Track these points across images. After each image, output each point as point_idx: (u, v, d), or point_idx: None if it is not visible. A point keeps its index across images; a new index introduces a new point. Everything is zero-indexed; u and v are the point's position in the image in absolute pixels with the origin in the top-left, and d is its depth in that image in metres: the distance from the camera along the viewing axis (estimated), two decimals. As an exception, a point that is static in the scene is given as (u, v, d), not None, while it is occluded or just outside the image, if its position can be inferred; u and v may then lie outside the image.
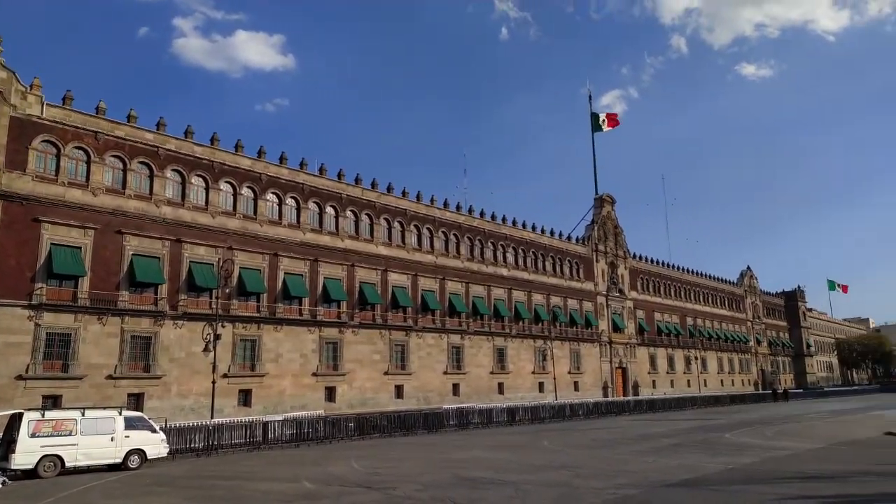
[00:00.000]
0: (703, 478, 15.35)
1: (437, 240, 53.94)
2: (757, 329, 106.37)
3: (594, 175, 78.32)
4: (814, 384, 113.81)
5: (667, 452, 21.41)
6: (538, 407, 44.17)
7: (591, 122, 77.72)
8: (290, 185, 44.38)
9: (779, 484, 14.28)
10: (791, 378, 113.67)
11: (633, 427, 34.59)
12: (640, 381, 74.56)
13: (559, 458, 20.38)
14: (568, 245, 69.02)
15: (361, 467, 19.28)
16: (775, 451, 20.95)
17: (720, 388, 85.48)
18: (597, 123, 77.09)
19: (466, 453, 22.77)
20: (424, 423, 34.37)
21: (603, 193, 77.28)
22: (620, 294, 75.03)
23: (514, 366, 58.36)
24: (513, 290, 60.27)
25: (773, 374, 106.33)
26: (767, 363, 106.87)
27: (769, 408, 55.73)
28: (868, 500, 12.18)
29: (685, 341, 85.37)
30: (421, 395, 49.16)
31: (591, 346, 68.64)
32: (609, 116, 78.04)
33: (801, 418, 39.18)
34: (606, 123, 77.36)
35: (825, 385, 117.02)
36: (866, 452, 20.56)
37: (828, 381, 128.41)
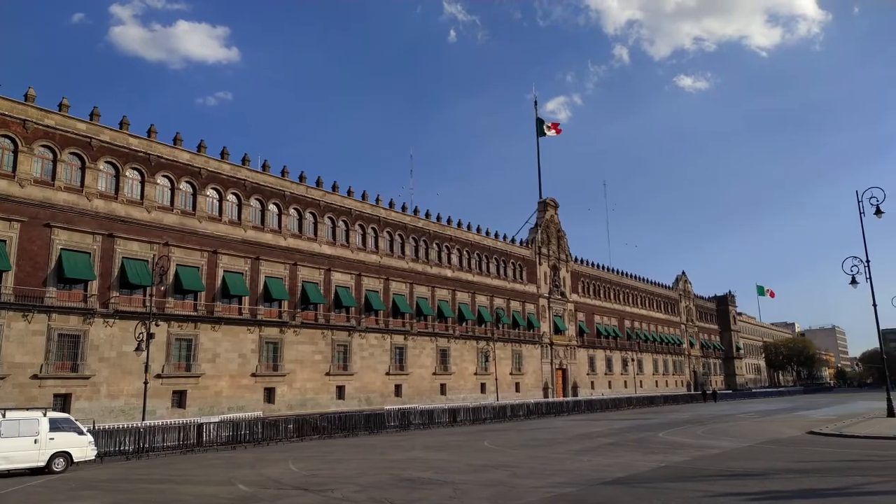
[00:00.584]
0: (636, 476, 15.76)
1: (381, 240, 53.68)
2: (690, 332, 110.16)
3: (538, 179, 79.61)
4: (742, 385, 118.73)
5: (603, 451, 21.91)
6: (480, 408, 44.47)
7: (537, 127, 78.86)
8: (232, 180, 43.34)
9: (708, 481, 14.81)
10: (721, 379, 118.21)
11: (572, 427, 35.24)
12: (580, 382, 76.11)
13: (498, 458, 20.56)
14: (512, 248, 69.84)
15: (299, 469, 18.98)
16: (705, 450, 21.72)
17: (655, 389, 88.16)
18: (541, 128, 78.28)
19: (407, 454, 22.71)
20: (365, 424, 34.10)
21: (547, 197, 78.56)
22: (562, 297, 76.39)
23: (456, 367, 58.62)
24: (457, 292, 60.54)
25: (704, 375, 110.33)
26: (699, 365, 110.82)
27: (700, 408, 57.75)
28: (790, 496, 12.74)
29: (623, 343, 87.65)
30: (363, 395, 48.80)
31: (532, 348, 69.62)
32: (553, 125, 79.39)
33: (730, 418, 40.74)
34: (552, 130, 78.64)
35: (753, 386, 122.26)
36: (790, 450, 21.53)
37: (755, 382, 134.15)
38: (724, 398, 79.60)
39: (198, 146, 41.96)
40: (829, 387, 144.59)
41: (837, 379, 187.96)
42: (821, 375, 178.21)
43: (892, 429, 27.27)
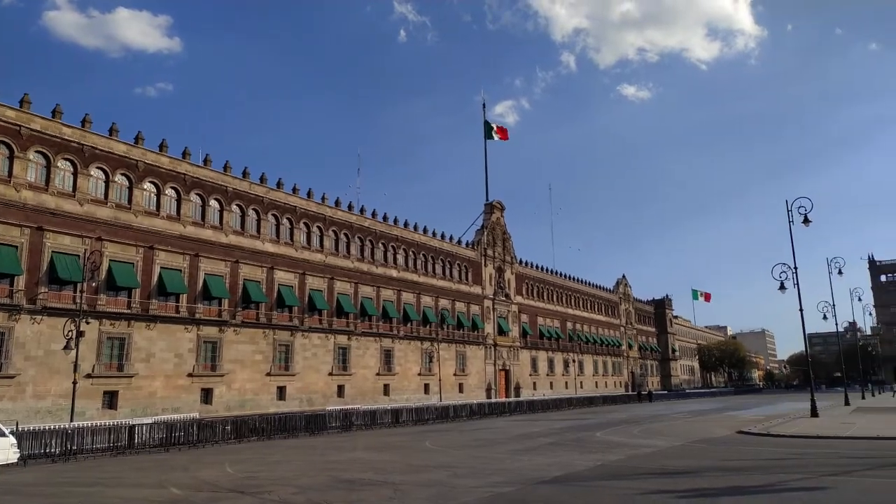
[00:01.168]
0: (574, 474, 16.07)
1: (327, 239, 53.07)
2: (629, 334, 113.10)
3: (485, 181, 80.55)
4: (677, 386, 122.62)
5: (542, 451, 22.24)
6: (423, 408, 44.48)
7: (484, 130, 79.47)
8: (171, 174, 42.04)
9: (641, 479, 15.22)
10: (657, 380, 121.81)
11: (513, 427, 35.64)
12: (522, 382, 77.06)
13: (440, 459, 20.61)
14: (458, 249, 70.17)
15: (236, 472, 18.55)
16: (640, 449, 22.33)
17: (595, 390, 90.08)
18: (489, 131, 78.93)
19: (348, 455, 22.51)
20: (306, 426, 33.62)
21: (493, 200, 79.27)
22: (506, 298, 77.20)
23: (400, 367, 58.47)
24: (402, 292, 60.40)
25: (641, 376, 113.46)
26: (637, 366, 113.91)
27: (637, 408, 59.33)
28: (718, 494, 13.20)
29: (565, 345, 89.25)
30: (304, 396, 48.11)
31: (476, 349, 70.10)
32: (500, 130, 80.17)
33: (665, 418, 42.01)
34: (498, 134, 79.39)
35: (687, 387, 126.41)
36: (720, 449, 22.33)
37: (689, 383, 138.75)
38: (659, 399, 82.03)
39: (135, 138, 40.55)
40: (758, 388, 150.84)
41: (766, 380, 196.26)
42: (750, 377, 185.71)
43: (815, 428, 28.64)
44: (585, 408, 61.26)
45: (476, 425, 38.86)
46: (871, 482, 14.12)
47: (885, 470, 16.00)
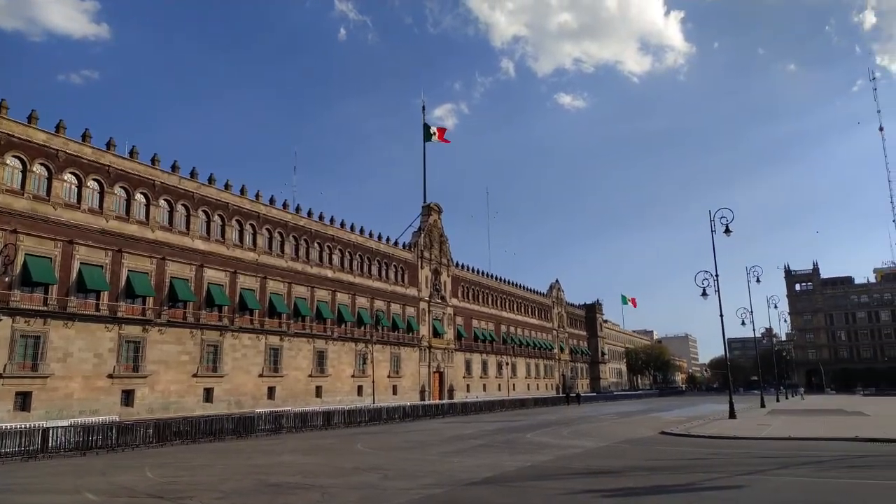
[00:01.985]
0: (503, 475, 16.24)
1: (260, 237, 51.85)
2: (561, 337, 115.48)
3: (423, 184, 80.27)
4: (605, 389, 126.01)
5: (473, 452, 22.39)
6: (355, 410, 43.99)
7: (424, 132, 79.54)
8: (94, 166, 40.13)
9: (568, 479, 15.53)
10: (587, 383, 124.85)
11: (446, 429, 35.75)
12: (456, 385, 77.44)
13: (370, 461, 20.44)
14: (395, 250, 69.90)
15: (156, 476, 17.83)
16: (568, 450, 22.80)
17: (527, 392, 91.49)
18: (428, 134, 79.06)
19: (276, 458, 22.02)
20: (234, 429, 32.66)
21: (431, 202, 79.37)
22: (442, 301, 77.44)
23: (333, 369, 57.71)
24: (337, 293, 59.67)
25: (572, 379, 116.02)
26: (568, 369, 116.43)
27: (566, 410, 60.61)
28: (641, 493, 13.62)
29: (499, 347, 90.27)
30: (233, 398, 46.80)
31: (411, 351, 69.98)
32: (440, 130, 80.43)
33: (593, 419, 43.07)
34: (437, 136, 79.62)
35: (615, 390, 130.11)
36: (643, 449, 23.06)
37: (617, 385, 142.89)
38: (588, 401, 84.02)
39: (56, 126, 38.51)
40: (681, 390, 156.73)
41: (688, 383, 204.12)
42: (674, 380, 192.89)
43: (732, 429, 30.02)
44: (517, 410, 62.07)
45: (409, 427, 38.76)
46: (783, 481, 14.88)
47: (795, 469, 16.90)
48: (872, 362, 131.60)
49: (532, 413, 55.65)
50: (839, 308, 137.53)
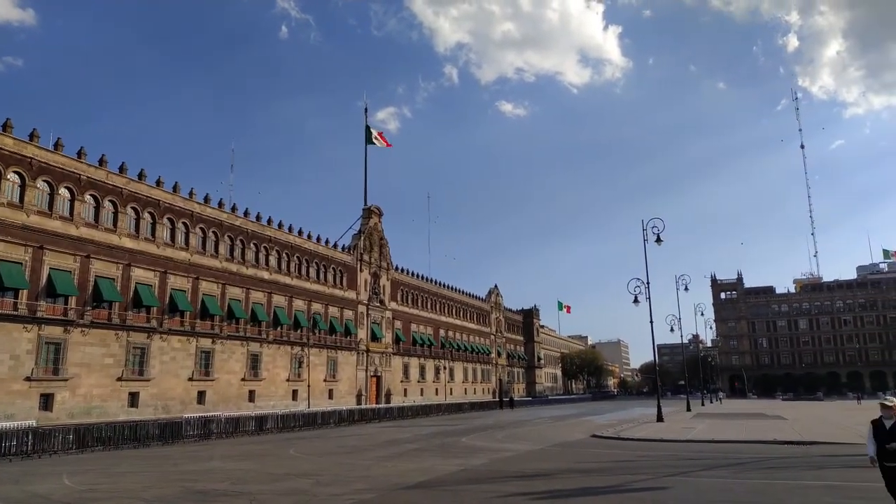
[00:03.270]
0: (436, 479, 16.24)
1: (193, 236, 50.30)
2: (499, 342, 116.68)
3: (364, 186, 79.69)
4: (541, 393, 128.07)
5: (408, 457, 22.31)
6: (289, 415, 43.12)
7: (365, 135, 79.03)
8: (15, 157, 38.05)
9: (501, 482, 15.67)
10: (523, 387, 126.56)
11: (381, 434, 35.51)
12: (393, 389, 77.08)
13: (303, 466, 20.08)
14: (334, 253, 69.09)
15: (75, 484, 16.97)
16: (502, 453, 23.02)
17: (464, 396, 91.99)
18: (370, 136, 78.60)
19: (204, 465, 21.33)
20: (160, 434, 31.47)
21: (371, 205, 78.90)
22: (381, 304, 77.01)
23: (267, 373, 56.47)
24: (273, 295, 58.49)
25: (508, 383, 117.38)
26: (505, 373, 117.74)
27: (501, 414, 61.25)
28: (570, 495, 13.88)
29: (437, 352, 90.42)
30: (160, 403, 45.16)
31: (348, 355, 69.26)
32: (381, 135, 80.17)
33: (528, 423, 43.67)
34: (380, 139, 79.28)
35: (550, 394, 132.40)
36: (575, 452, 23.54)
37: (552, 390, 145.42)
38: (523, 405, 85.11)
39: (-27, 114, 36.26)
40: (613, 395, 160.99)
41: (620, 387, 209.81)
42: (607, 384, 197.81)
43: (660, 432, 31.02)
44: (454, 414, 62.31)
45: (344, 432, 38.31)
46: (705, 482, 15.45)
47: (717, 470, 17.57)
48: (791, 368, 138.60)
49: (468, 417, 55.96)
50: (761, 316, 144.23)
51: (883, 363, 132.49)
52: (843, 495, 13.17)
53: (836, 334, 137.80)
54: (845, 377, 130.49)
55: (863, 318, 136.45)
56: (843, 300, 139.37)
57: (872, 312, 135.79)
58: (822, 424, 35.42)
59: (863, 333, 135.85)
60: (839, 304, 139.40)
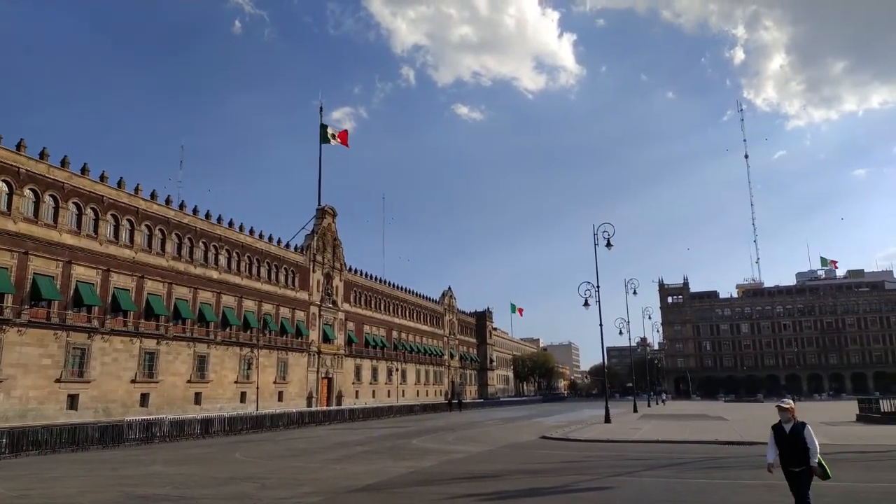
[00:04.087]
0: (385, 482, 16.16)
1: (138, 234, 48.82)
2: (452, 344, 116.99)
3: (318, 186, 78.79)
4: (493, 395, 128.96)
5: (357, 459, 22.14)
6: (237, 418, 42.25)
7: (320, 134, 78.19)
8: (-53, 148, 36.21)
9: (450, 484, 15.70)
10: (475, 389, 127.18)
11: (331, 436, 35.15)
12: (345, 391, 76.39)
13: (249, 470, 19.70)
14: (286, 253, 68.08)
15: (5, 490, 16.23)
16: (452, 455, 23.08)
17: (416, 398, 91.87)
18: (325, 135, 77.80)
19: (145, 469, 20.71)
20: (100, 438, 30.40)
21: (325, 205, 78.07)
22: (334, 305, 76.26)
23: (215, 375, 55.21)
24: (222, 295, 57.25)
25: (461, 385, 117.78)
26: (457, 375, 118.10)
27: (453, 416, 61.38)
28: (517, 495, 14.00)
29: (389, 353, 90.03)
30: (101, 406, 43.64)
31: (299, 356, 68.30)
32: (340, 135, 79.50)
33: (479, 425, 43.89)
34: (336, 138, 78.55)
35: (501, 396, 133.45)
36: (524, 453, 23.77)
37: (504, 392, 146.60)
38: (475, 407, 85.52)
39: None
40: (564, 397, 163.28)
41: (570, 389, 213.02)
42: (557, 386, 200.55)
43: (607, 433, 31.60)
44: (406, 416, 62.14)
45: (293, 435, 37.76)
46: (650, 481, 15.81)
47: (661, 470, 18.00)
48: (733, 371, 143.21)
49: (420, 419, 55.90)
50: (705, 320, 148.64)
51: (819, 366, 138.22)
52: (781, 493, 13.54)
53: (776, 338, 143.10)
54: (784, 380, 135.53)
55: (801, 322, 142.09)
56: (783, 305, 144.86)
57: (810, 317, 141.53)
58: (761, 425, 36.66)
59: (801, 338, 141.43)
60: (779, 310, 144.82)
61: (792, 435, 8.56)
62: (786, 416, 8.68)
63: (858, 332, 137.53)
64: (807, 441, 8.41)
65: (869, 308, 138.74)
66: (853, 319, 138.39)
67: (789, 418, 8.65)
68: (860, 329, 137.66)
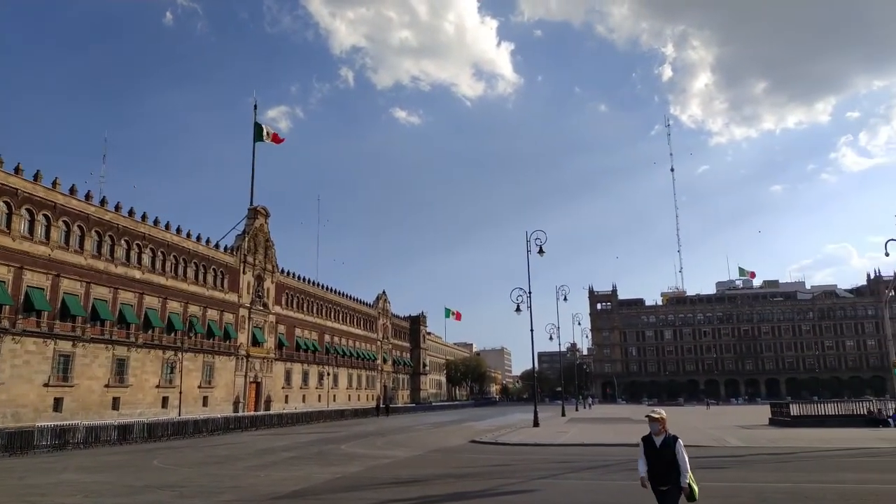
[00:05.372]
0: (310, 488, 15.89)
1: (55, 230, 46.38)
2: (385, 348, 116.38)
3: (251, 185, 76.91)
4: (425, 399, 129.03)
5: (283, 465, 21.69)
6: (158, 423, 40.62)
7: (254, 132, 76.44)
8: None
9: (376, 489, 15.59)
10: (408, 394, 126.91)
11: (257, 442, 34.30)
12: (274, 395, 74.75)
13: (167, 478, 18.97)
14: (215, 253, 66.10)
15: None
16: (380, 460, 22.93)
17: (347, 403, 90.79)
18: (259, 133, 76.11)
19: (55, 477, 19.62)
20: (7, 445, 28.61)
21: (258, 205, 76.30)
22: (264, 308, 74.57)
23: (135, 379, 52.96)
24: (145, 296, 55.04)
25: (393, 390, 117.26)
26: (390, 380, 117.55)
27: (384, 421, 61.04)
28: (443, 499, 14.05)
29: (321, 357, 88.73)
30: (10, 411, 41.14)
31: (227, 360, 66.39)
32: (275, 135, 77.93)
33: (410, 430, 43.81)
34: (270, 137, 76.93)
35: (434, 400, 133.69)
36: (453, 457, 23.86)
37: (437, 397, 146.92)
38: (406, 412, 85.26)
39: None
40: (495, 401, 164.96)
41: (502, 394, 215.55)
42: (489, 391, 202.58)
43: (535, 437, 32.17)
44: (336, 421, 61.31)
45: (217, 441, 36.62)
46: (572, 484, 16.17)
47: (584, 472, 18.45)
48: (656, 376, 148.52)
49: (350, 424, 55.30)
50: (632, 327, 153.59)
51: (736, 372, 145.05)
52: (693, 493, 14.19)
53: (697, 344, 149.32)
54: (703, 384, 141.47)
55: (720, 330, 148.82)
56: (704, 313, 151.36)
57: (728, 325, 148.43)
58: (680, 429, 38.12)
59: (720, 344, 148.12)
60: (700, 317, 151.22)
61: (662, 449, 7.65)
62: (656, 428, 7.75)
63: (773, 339, 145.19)
64: (678, 458, 7.56)
65: (782, 317, 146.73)
66: (768, 327, 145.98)
67: (660, 430, 7.73)
68: (774, 336, 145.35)
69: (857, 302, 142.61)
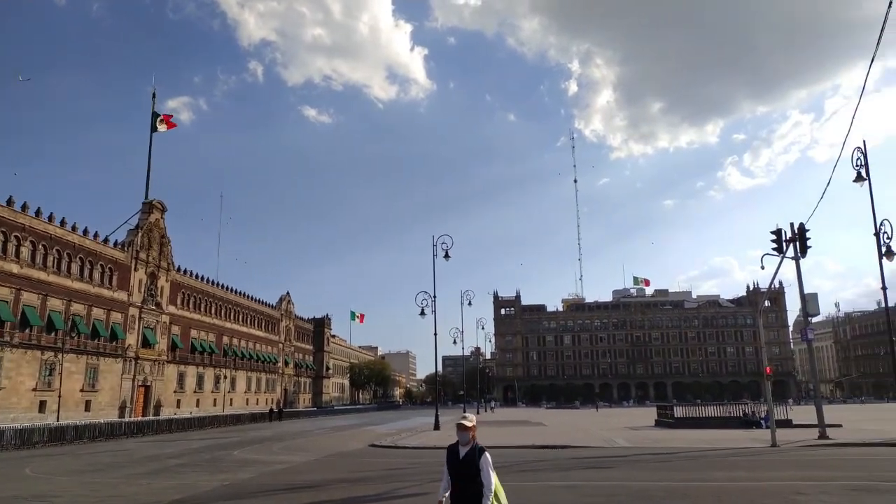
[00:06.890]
0: (195, 496, 15.21)
1: (-83, 217, 42.06)
2: (287, 351, 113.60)
3: (147, 177, 73.02)
4: (328, 403, 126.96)
5: (168, 474, 20.65)
6: (32, 429, 37.64)
7: (151, 122, 72.68)
8: None
9: (266, 496, 15.13)
10: (310, 398, 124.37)
11: (144, 448, 32.51)
12: (165, 400, 71.14)
13: (38, 487, 17.60)
14: (103, 248, 62.18)
15: None
16: (274, 465, 22.31)
17: (246, 407, 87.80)
18: (156, 123, 72.43)
19: None
20: None
21: (154, 199, 72.53)
22: (157, 307, 70.90)
23: (9, 381, 48.93)
24: (23, 292, 51.01)
25: (294, 393, 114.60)
26: (291, 384, 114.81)
27: (282, 426, 59.51)
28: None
29: (218, 360, 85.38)
30: None
31: (113, 362, 62.55)
32: (166, 117, 74.07)
33: (309, 434, 42.97)
34: (164, 124, 73.29)
35: (336, 404, 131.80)
36: (350, 462, 23.60)
37: (339, 400, 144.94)
38: (307, 416, 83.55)
39: None
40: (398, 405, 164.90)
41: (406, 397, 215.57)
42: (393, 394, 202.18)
43: (435, 440, 32.32)
44: (231, 426, 59.15)
45: (99, 448, 34.38)
46: (465, 485, 16.35)
47: (478, 474, 18.70)
48: (555, 380, 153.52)
49: (247, 429, 53.52)
50: (534, 332, 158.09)
51: (628, 376, 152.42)
52: (581, 493, 14.76)
53: (594, 349, 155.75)
54: (598, 388, 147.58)
55: (615, 335, 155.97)
56: (600, 319, 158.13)
57: (623, 331, 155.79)
58: (573, 430, 39.61)
59: (614, 349, 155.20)
60: (597, 323, 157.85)
61: (465, 461, 6.45)
62: (465, 437, 6.54)
63: (662, 345, 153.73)
64: (482, 473, 6.33)
65: (671, 324, 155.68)
66: (658, 334, 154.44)
67: (469, 440, 6.54)
68: (663, 343, 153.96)
69: (738, 311, 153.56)
